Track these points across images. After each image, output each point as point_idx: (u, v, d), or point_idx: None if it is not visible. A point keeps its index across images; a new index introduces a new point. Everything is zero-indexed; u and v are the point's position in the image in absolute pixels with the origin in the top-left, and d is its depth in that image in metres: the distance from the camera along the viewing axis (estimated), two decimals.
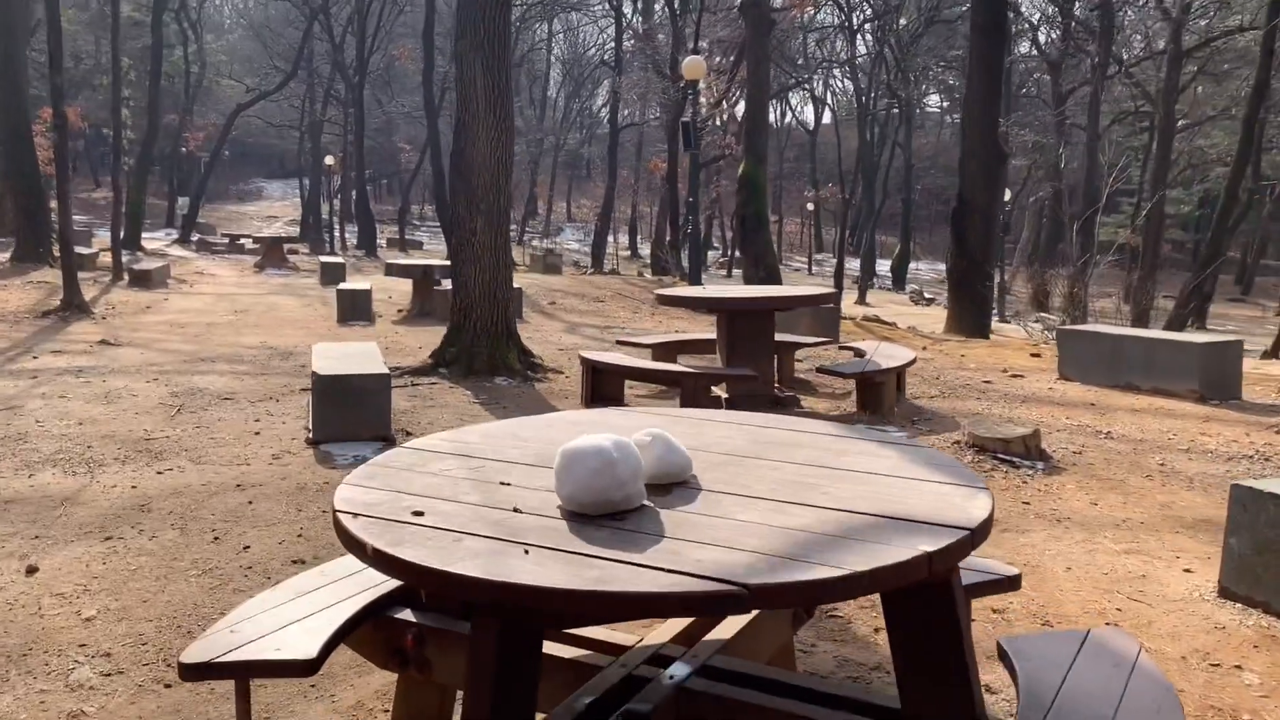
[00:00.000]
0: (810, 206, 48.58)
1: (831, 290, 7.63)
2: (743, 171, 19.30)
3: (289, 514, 4.96)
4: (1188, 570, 4.27)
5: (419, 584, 2.16)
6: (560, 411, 3.38)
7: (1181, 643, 3.57)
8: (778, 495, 2.34)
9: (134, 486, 5.38)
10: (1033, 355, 10.38)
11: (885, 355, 7.43)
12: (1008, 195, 30.83)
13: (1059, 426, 6.92)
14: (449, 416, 7.17)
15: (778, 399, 7.29)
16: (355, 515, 2.24)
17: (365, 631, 2.84)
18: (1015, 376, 9.04)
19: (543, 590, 1.84)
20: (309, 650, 2.56)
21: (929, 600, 2.15)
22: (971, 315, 15.86)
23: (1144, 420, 7.13)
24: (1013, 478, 5.67)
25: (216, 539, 4.61)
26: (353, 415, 6.35)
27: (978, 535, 2.12)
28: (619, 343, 8.87)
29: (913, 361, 7.42)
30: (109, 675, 3.32)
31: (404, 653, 2.83)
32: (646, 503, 2.27)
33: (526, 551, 1.99)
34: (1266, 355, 15.27)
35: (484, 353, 8.77)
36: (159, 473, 5.66)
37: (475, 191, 8.69)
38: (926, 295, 36.32)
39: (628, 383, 7.59)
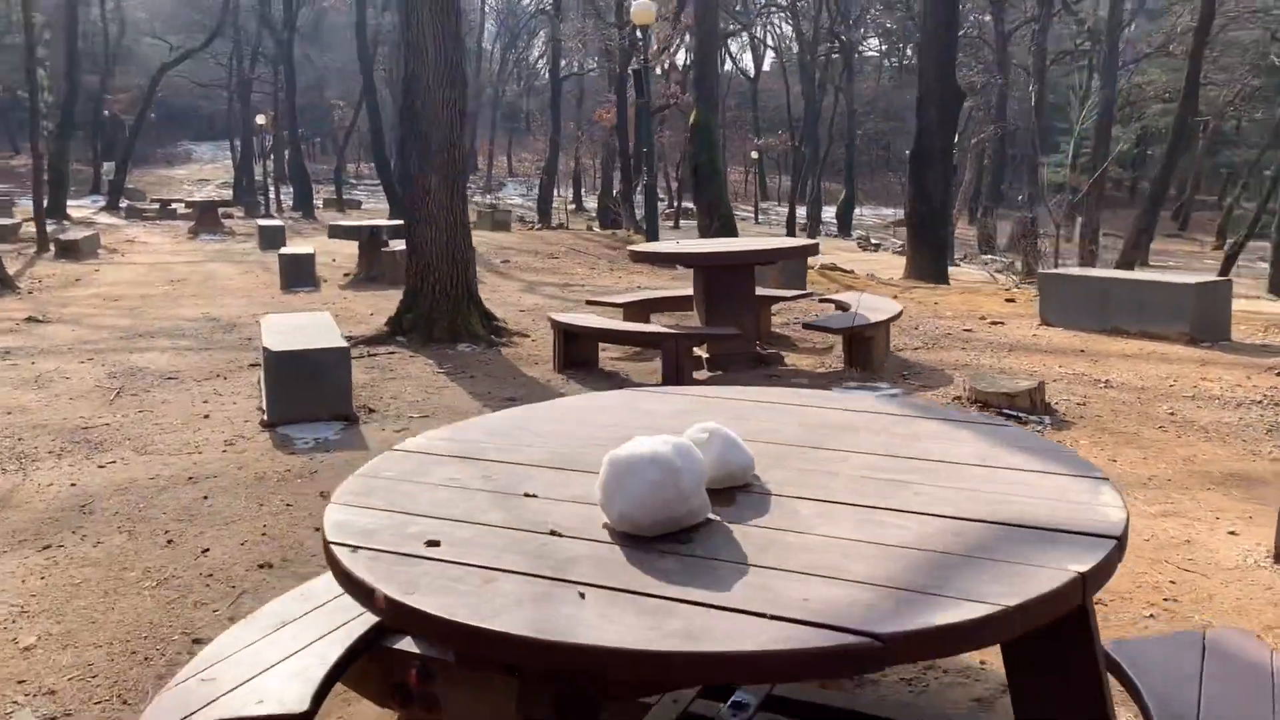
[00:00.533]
0: (755, 155, 48.06)
1: (813, 241, 7.24)
2: (694, 120, 18.79)
3: (249, 509, 4.49)
4: (1233, 533, 3.98)
5: (449, 644, 1.74)
6: (569, 397, 2.96)
7: (1250, 618, 3.27)
8: (863, 499, 1.95)
9: (73, 484, 4.86)
10: (1007, 300, 10.13)
11: (870, 308, 7.09)
12: None
13: (1054, 376, 6.64)
14: (413, 389, 6.70)
15: (760, 357, 6.92)
16: (355, 549, 1.81)
17: (359, 665, 2.42)
18: (995, 324, 8.77)
19: (619, 654, 1.43)
20: (298, 700, 2.13)
21: (1064, 633, 1.77)
22: (930, 260, 15.61)
23: (1140, 366, 6.88)
24: None
25: (170, 542, 4.13)
26: (310, 393, 5.85)
27: (1123, 544, 1.75)
28: (589, 303, 8.43)
29: (900, 314, 7.08)
30: (54, 719, 2.87)
31: (407, 689, 2.42)
32: (711, 515, 1.87)
33: (582, 595, 1.58)
34: None
35: (444, 318, 8.28)
36: (100, 466, 5.14)
37: (429, 145, 8.14)
38: (873, 241, 36.17)
39: (600, 345, 7.17)
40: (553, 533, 1.83)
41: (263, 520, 4.35)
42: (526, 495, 2.03)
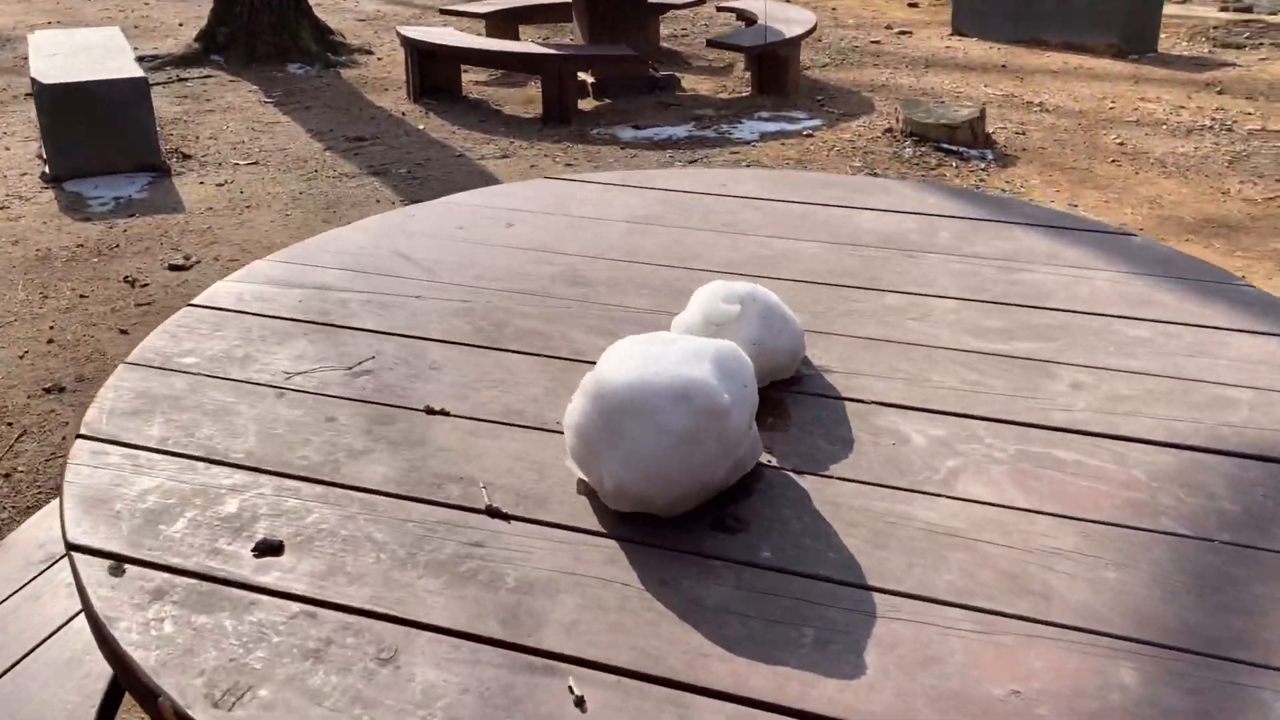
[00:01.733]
0: None
1: None
2: None
3: (30, 304, 3.47)
4: None
5: None
6: (461, 194, 2.04)
7: None
8: (995, 405, 1.18)
9: None
10: (910, 5, 9.16)
11: (780, 19, 6.07)
12: None
13: (982, 98, 5.89)
14: (237, 126, 5.50)
15: (654, 81, 5.92)
16: (118, 567, 0.96)
17: None
18: (903, 33, 7.86)
19: None
20: None
21: None
22: None
23: (1070, 85, 6.18)
24: (965, 174, 4.67)
25: None
26: (104, 138, 4.64)
27: None
28: (443, 11, 7.10)
29: (815, 28, 6.09)
30: None
31: None
32: (763, 458, 1.08)
33: (580, 701, 0.80)
34: None
35: (268, 31, 6.86)
36: None
37: None
38: None
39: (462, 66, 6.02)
40: (490, 510, 1.01)
41: (49, 319, 3.36)
42: (429, 411, 1.19)
